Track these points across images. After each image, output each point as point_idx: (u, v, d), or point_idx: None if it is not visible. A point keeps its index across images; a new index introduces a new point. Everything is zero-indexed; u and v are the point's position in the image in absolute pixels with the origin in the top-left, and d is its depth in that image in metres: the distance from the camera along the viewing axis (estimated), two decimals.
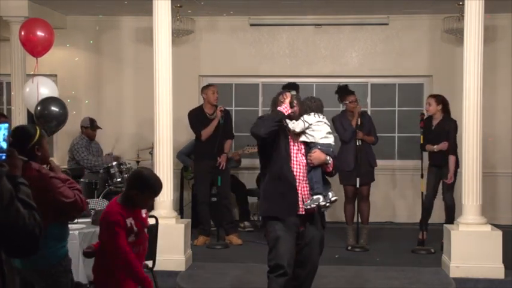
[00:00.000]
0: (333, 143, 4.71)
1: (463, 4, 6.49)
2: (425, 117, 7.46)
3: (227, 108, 8.08)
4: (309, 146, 4.63)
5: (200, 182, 7.87)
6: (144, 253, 3.93)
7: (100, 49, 9.50)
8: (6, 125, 2.17)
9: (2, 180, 2.02)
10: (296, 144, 4.62)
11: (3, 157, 2.14)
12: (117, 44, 9.46)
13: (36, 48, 6.80)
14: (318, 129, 4.61)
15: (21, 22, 7.22)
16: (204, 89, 7.91)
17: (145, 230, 3.90)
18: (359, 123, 7.40)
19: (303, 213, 4.50)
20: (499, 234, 6.21)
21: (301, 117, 4.62)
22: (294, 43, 9.38)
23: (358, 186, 7.42)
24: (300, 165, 4.55)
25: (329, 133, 4.67)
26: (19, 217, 2.02)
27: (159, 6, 6.44)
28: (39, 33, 6.79)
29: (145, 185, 3.78)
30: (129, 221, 3.73)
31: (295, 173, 4.52)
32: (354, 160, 7.41)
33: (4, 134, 2.16)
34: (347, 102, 7.53)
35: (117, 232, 3.66)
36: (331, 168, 4.63)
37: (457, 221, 6.39)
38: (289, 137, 4.59)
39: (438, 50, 9.14)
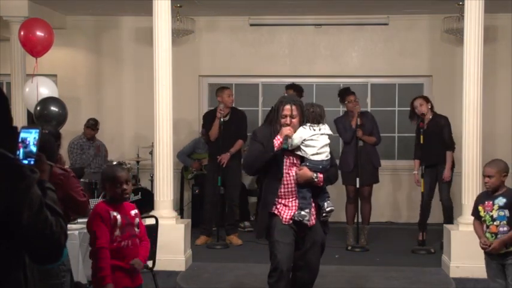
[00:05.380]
0: (327, 157, 4.56)
1: (463, 4, 6.49)
2: (421, 116, 7.45)
3: (240, 108, 8.19)
4: (303, 158, 4.54)
5: (207, 182, 7.88)
6: (135, 250, 3.97)
7: (100, 49, 9.50)
8: (38, 130, 2.14)
9: (33, 187, 1.99)
10: (290, 157, 4.53)
11: (32, 162, 2.11)
12: (117, 44, 9.46)
13: (36, 48, 6.80)
14: (311, 144, 4.49)
15: (21, 22, 7.21)
16: (219, 91, 7.83)
17: (136, 228, 4.01)
18: (359, 123, 7.40)
19: (288, 223, 4.48)
20: None
21: (297, 131, 4.49)
22: (294, 43, 9.38)
23: (358, 186, 7.42)
24: (294, 180, 4.50)
25: (324, 146, 4.54)
26: (47, 225, 2.00)
27: (159, 6, 6.44)
28: (39, 33, 6.79)
29: (106, 176, 4.04)
30: (114, 214, 3.89)
31: (282, 190, 4.49)
32: (353, 161, 7.41)
33: (35, 138, 2.12)
34: (346, 102, 7.55)
35: (98, 224, 3.84)
36: (321, 184, 4.54)
37: (457, 221, 6.39)
38: (283, 153, 4.50)
39: (438, 50, 9.13)
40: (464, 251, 6.19)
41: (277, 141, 4.41)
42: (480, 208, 4.62)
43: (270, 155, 4.42)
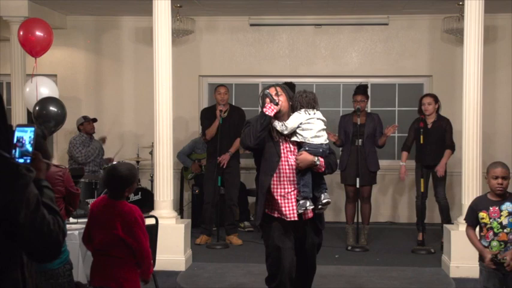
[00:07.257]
0: (326, 141, 4.38)
1: (463, 4, 6.49)
2: (421, 116, 7.45)
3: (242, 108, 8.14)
4: (300, 146, 4.34)
5: (206, 181, 7.87)
6: None
7: (100, 49, 9.50)
8: (33, 128, 2.15)
9: (29, 186, 1.99)
10: (288, 144, 4.34)
11: (28, 160, 2.11)
12: (117, 44, 9.46)
13: (35, 48, 6.79)
14: (308, 127, 4.30)
15: (21, 22, 7.22)
16: (216, 88, 7.85)
17: None
18: (358, 123, 7.39)
19: (295, 219, 4.27)
20: None
21: (291, 116, 4.32)
22: (294, 43, 9.38)
23: (358, 186, 7.42)
24: (291, 167, 4.29)
25: (322, 130, 4.35)
26: (44, 223, 2.00)
27: (159, 6, 6.45)
28: (38, 33, 6.79)
29: (133, 177, 3.91)
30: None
31: (281, 174, 4.26)
32: (346, 160, 7.42)
33: (30, 137, 2.13)
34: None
35: (142, 229, 3.82)
36: (322, 169, 4.34)
37: (457, 221, 6.39)
38: (279, 138, 4.32)
39: (438, 50, 9.14)
40: (464, 251, 6.18)
41: (268, 108, 4.21)
42: (483, 215, 4.28)
43: (268, 119, 4.19)
